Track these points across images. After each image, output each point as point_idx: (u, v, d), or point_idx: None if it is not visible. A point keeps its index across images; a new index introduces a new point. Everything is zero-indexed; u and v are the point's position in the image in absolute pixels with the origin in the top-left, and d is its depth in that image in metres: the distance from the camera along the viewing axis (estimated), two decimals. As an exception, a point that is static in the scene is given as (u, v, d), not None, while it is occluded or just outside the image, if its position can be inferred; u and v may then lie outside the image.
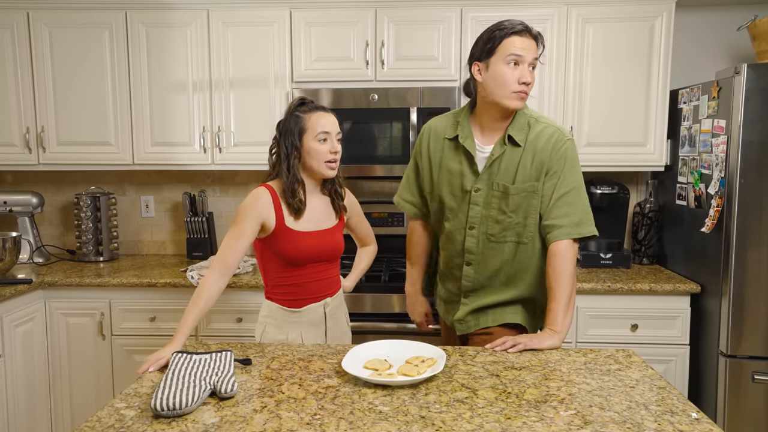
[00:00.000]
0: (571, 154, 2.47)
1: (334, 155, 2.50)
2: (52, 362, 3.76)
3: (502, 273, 2.58)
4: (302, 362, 2.21)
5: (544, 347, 2.33)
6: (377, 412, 1.79)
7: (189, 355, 2.14)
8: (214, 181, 4.47)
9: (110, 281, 3.69)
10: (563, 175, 2.45)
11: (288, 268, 2.54)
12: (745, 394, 3.28)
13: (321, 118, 2.50)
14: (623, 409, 1.82)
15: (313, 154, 2.48)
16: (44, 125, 4.00)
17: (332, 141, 2.51)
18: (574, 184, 2.46)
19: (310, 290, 2.59)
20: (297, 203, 2.49)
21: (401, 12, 3.81)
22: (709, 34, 4.17)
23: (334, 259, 2.65)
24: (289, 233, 2.49)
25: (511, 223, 2.51)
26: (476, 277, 2.61)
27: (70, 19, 3.93)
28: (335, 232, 2.63)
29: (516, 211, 2.49)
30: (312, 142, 2.48)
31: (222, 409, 1.83)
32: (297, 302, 2.59)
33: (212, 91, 3.93)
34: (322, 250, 2.57)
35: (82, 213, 4.19)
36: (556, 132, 2.47)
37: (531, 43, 2.40)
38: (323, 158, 2.48)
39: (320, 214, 2.60)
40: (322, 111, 2.53)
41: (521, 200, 2.48)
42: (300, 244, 2.50)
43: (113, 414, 1.81)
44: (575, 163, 2.48)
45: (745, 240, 3.23)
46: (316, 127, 2.48)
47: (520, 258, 2.56)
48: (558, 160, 2.45)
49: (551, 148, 2.45)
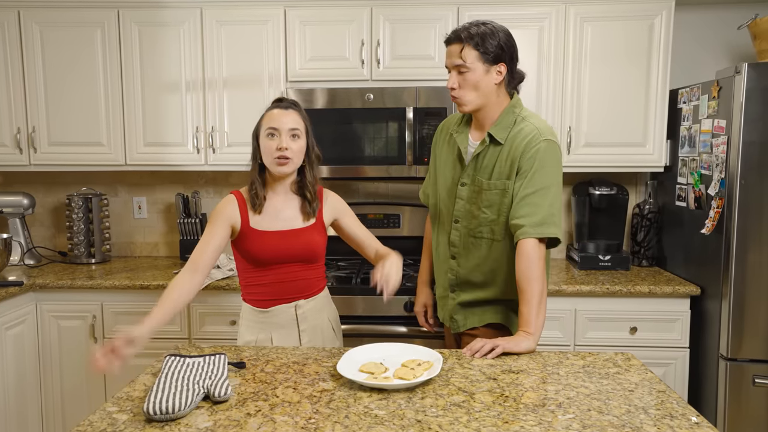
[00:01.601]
0: (545, 155, 2.46)
1: (279, 152, 2.45)
2: (44, 365, 3.73)
3: (481, 269, 2.64)
4: (297, 365, 2.20)
5: (521, 350, 2.32)
6: (373, 416, 1.79)
7: (182, 358, 2.13)
8: (208, 182, 4.44)
9: (102, 283, 3.66)
10: (532, 175, 2.45)
11: (256, 268, 2.56)
12: (745, 397, 3.26)
13: (272, 115, 2.51)
14: (622, 413, 1.82)
15: (264, 151, 2.50)
16: (35, 125, 3.97)
17: (281, 137, 2.46)
18: (542, 185, 2.45)
19: (279, 291, 2.59)
20: (253, 197, 2.52)
21: (397, 11, 3.79)
22: (709, 32, 4.15)
23: (309, 260, 2.62)
24: (253, 233, 2.52)
25: (486, 219, 2.57)
26: (459, 271, 2.68)
27: (61, 18, 3.90)
28: (307, 233, 2.60)
29: (490, 207, 2.55)
30: (263, 139, 2.50)
31: (215, 413, 1.82)
32: (265, 302, 2.60)
33: (205, 90, 3.91)
34: (291, 250, 2.55)
35: (73, 214, 4.16)
36: (533, 131, 2.48)
37: (453, 48, 2.49)
38: (272, 155, 2.47)
39: (289, 213, 2.59)
40: (278, 108, 2.53)
41: (494, 197, 2.53)
42: (264, 243, 2.52)
43: (105, 418, 1.80)
44: (549, 164, 2.47)
45: (746, 242, 3.21)
46: (265, 123, 2.51)
47: (493, 256, 2.61)
48: (528, 159, 2.46)
49: (524, 147, 2.47)
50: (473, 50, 2.44)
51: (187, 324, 3.66)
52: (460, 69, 2.47)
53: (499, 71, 2.48)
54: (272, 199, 2.57)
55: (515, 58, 2.54)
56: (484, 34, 2.44)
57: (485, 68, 2.46)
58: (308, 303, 2.64)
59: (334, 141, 3.75)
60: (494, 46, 2.44)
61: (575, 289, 3.48)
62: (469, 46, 2.44)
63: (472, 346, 2.33)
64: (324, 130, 3.68)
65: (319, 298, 2.69)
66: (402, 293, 3.43)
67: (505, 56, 2.48)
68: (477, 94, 2.49)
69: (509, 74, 2.52)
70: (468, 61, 2.44)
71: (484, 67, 2.46)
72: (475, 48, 2.44)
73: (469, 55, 2.44)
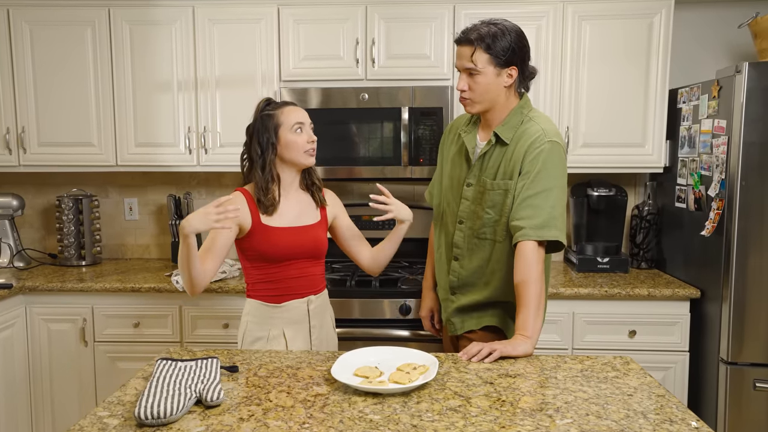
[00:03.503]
0: (549, 157, 2.44)
1: (311, 144, 2.58)
2: (33, 369, 3.70)
3: (484, 271, 2.62)
4: (290, 369, 2.19)
5: (518, 354, 2.29)
6: (367, 420, 1.78)
7: (174, 362, 2.11)
8: (200, 183, 4.41)
9: (93, 286, 3.64)
10: (535, 176, 2.43)
11: (268, 264, 2.58)
12: (746, 402, 3.25)
13: (293, 111, 2.59)
14: (621, 417, 1.81)
15: (291, 146, 2.55)
16: (25, 125, 3.93)
17: (308, 131, 2.59)
18: (544, 187, 2.43)
19: (292, 287, 2.61)
20: (270, 200, 2.55)
21: (392, 9, 3.76)
22: (709, 31, 4.14)
23: (316, 256, 2.66)
24: (266, 230, 2.54)
25: (490, 220, 2.56)
26: (461, 273, 2.67)
27: (51, 16, 3.86)
28: (316, 229, 2.65)
29: (493, 208, 2.54)
30: (289, 135, 2.55)
31: (208, 418, 1.81)
32: (278, 297, 2.60)
33: (198, 90, 3.88)
34: (302, 247, 2.59)
35: (63, 216, 4.13)
36: (538, 132, 2.47)
37: (463, 50, 2.47)
38: (302, 148, 2.56)
39: (300, 209, 2.64)
40: (291, 105, 2.63)
41: (497, 198, 2.52)
42: (278, 240, 2.54)
43: (96, 423, 1.79)
44: (553, 165, 2.45)
45: (747, 244, 3.19)
46: (290, 119, 2.56)
47: (495, 257, 2.59)
48: (532, 160, 2.44)
49: (527, 147, 2.45)
50: (484, 53, 2.41)
51: (179, 327, 3.64)
52: (471, 72, 2.44)
53: (510, 74, 2.46)
54: (282, 197, 2.60)
55: (527, 58, 2.51)
56: (496, 36, 2.41)
57: (496, 72, 2.44)
58: (318, 299, 2.68)
59: (328, 141, 3.71)
60: (505, 48, 2.41)
61: (573, 292, 3.46)
62: (480, 50, 2.41)
63: (468, 350, 2.31)
64: (318, 131, 3.58)
65: (324, 295, 2.75)
66: (398, 296, 3.45)
67: (517, 58, 2.45)
68: (487, 97, 2.48)
69: (520, 75, 2.50)
70: (479, 65, 2.42)
71: (495, 71, 2.44)
72: (486, 51, 2.41)
73: (479, 59, 2.42)
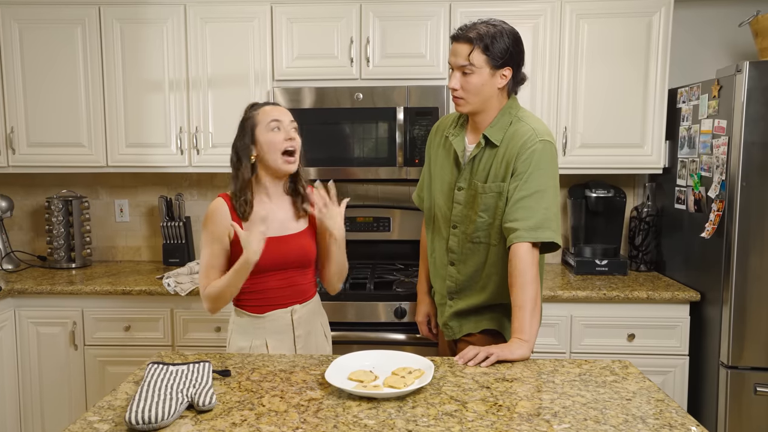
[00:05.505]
0: (541, 157, 2.43)
1: (289, 142, 2.46)
2: (22, 373, 3.68)
3: (480, 275, 2.61)
4: (284, 374, 2.18)
5: (515, 358, 2.28)
6: (362, 425, 1.77)
7: (165, 366, 2.10)
8: (192, 184, 4.39)
9: (83, 289, 3.62)
10: (527, 177, 2.42)
11: (251, 275, 2.44)
12: (747, 406, 3.24)
13: (271, 109, 2.51)
14: (620, 422, 1.80)
15: (268, 147, 2.45)
16: (14, 126, 3.90)
17: (285, 129, 2.47)
18: (537, 188, 2.41)
19: (275, 297, 2.55)
20: (242, 204, 2.47)
21: (387, 7, 3.74)
22: (709, 30, 4.13)
23: (303, 265, 2.59)
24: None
25: (483, 223, 2.54)
26: (458, 278, 2.65)
27: (41, 15, 3.83)
28: (302, 237, 2.58)
29: (486, 211, 2.52)
30: (265, 134, 2.46)
31: (200, 423, 1.80)
32: (261, 308, 2.54)
33: (189, 90, 3.85)
34: (286, 256, 2.52)
35: (53, 217, 4.10)
36: (529, 132, 2.46)
37: (460, 48, 2.43)
38: (279, 148, 2.44)
39: (283, 218, 2.56)
40: (272, 105, 2.56)
41: (490, 200, 2.50)
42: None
43: (86, 428, 1.78)
44: (545, 165, 2.44)
45: (747, 246, 3.18)
46: (266, 117, 2.47)
47: (491, 261, 2.57)
48: (524, 161, 2.43)
49: (519, 148, 2.44)
50: (482, 54, 2.40)
51: (171, 331, 3.62)
52: (465, 70, 2.42)
53: (504, 75, 2.46)
54: (264, 203, 2.52)
55: (521, 63, 2.51)
56: (495, 37, 2.40)
57: (491, 72, 2.43)
58: (303, 308, 2.60)
59: (322, 142, 3.69)
60: (503, 50, 2.41)
61: (571, 295, 3.45)
62: (479, 50, 2.40)
63: (464, 354, 2.30)
64: (312, 131, 3.62)
65: (312, 303, 2.67)
66: (393, 299, 3.43)
67: (512, 61, 2.45)
68: (479, 97, 2.46)
69: (512, 78, 2.49)
70: (476, 64, 2.41)
71: (490, 72, 2.43)
72: (483, 52, 2.40)
73: (476, 59, 2.40)
